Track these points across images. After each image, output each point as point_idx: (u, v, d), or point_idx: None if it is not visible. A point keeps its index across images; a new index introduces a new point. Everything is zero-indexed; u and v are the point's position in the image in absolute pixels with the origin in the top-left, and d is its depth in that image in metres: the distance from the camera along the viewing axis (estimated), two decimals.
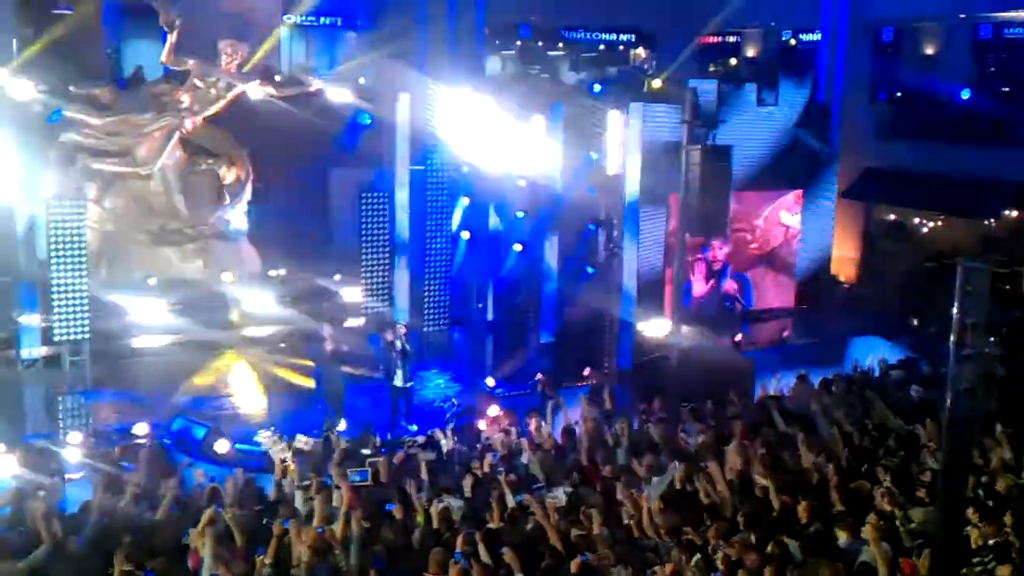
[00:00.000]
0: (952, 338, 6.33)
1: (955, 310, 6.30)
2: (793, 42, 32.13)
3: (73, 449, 13.90)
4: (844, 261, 25.47)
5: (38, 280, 17.44)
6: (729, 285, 21.64)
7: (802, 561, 8.32)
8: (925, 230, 26.18)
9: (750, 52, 32.99)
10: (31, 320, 17.43)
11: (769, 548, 8.60)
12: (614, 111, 19.82)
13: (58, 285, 16.34)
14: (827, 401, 13.54)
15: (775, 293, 22.51)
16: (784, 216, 22.22)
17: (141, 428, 14.53)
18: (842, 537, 8.95)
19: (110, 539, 9.67)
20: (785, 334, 20.42)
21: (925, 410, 12.62)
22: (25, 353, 17.70)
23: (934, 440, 11.05)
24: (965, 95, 25.57)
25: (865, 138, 25.45)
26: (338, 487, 10.88)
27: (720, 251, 21.08)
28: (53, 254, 16.27)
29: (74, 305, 16.50)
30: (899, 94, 27.72)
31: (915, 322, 19.51)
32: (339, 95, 21.56)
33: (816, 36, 27.00)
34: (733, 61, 33.81)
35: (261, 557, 8.97)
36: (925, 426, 11.74)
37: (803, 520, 9.38)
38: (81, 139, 19.72)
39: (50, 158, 19.38)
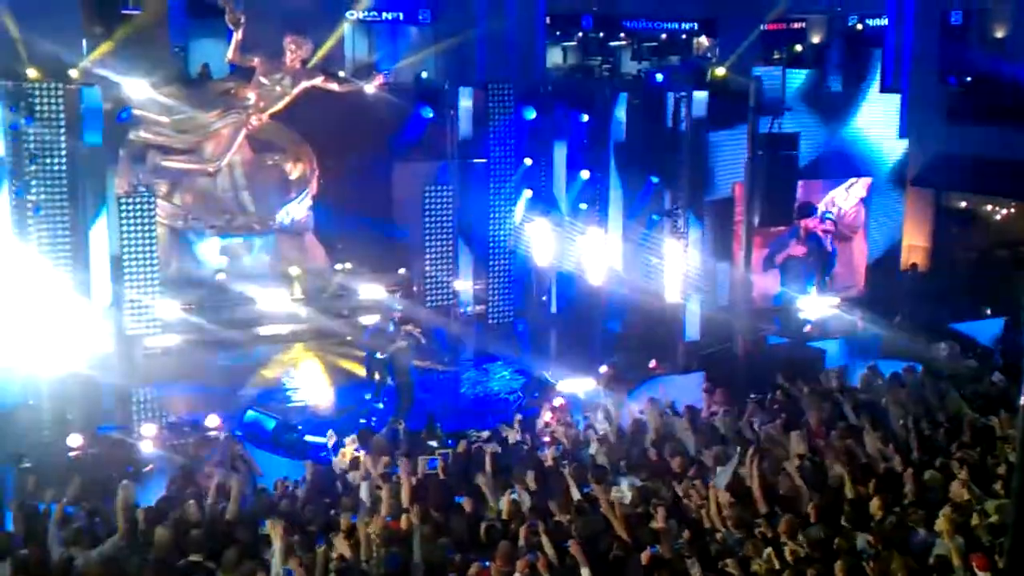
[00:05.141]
0: None
1: None
2: (859, 27, 31.62)
3: (147, 441, 14.17)
4: (914, 250, 25.00)
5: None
6: None
7: (876, 554, 8.20)
8: (998, 217, 25.62)
9: (815, 38, 32.53)
10: (109, 314, 17.73)
11: (836, 543, 8.50)
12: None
13: (130, 281, 16.60)
14: (899, 393, 13.33)
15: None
16: (838, 199, 22.03)
17: (213, 420, 14.76)
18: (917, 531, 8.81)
19: (185, 530, 9.84)
20: (859, 325, 20.11)
21: (1000, 401, 12.37)
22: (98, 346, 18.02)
23: (1008, 430, 10.84)
24: None
25: (934, 123, 24.93)
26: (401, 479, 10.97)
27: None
28: (124, 250, 16.53)
29: (146, 300, 16.76)
30: (969, 78, 27.08)
31: (988, 311, 19.07)
32: (401, 89, 21.64)
33: (883, 20, 26.52)
34: (798, 47, 33.37)
35: (324, 548, 9.04)
36: (1000, 417, 11.51)
37: (876, 515, 9.26)
38: (150, 137, 20.02)
39: (120, 156, 19.71)
